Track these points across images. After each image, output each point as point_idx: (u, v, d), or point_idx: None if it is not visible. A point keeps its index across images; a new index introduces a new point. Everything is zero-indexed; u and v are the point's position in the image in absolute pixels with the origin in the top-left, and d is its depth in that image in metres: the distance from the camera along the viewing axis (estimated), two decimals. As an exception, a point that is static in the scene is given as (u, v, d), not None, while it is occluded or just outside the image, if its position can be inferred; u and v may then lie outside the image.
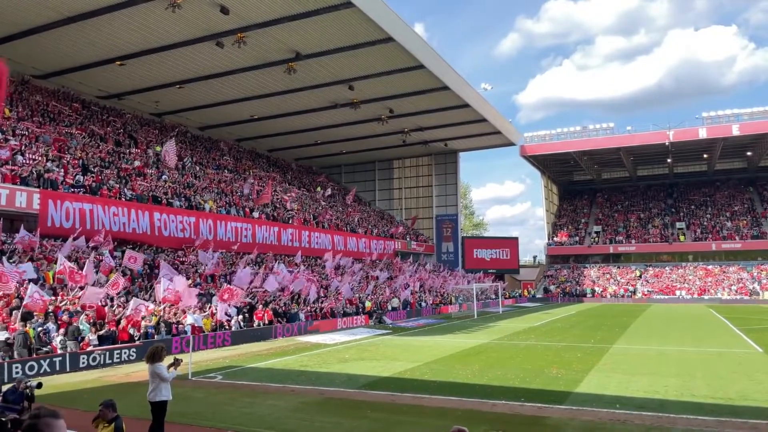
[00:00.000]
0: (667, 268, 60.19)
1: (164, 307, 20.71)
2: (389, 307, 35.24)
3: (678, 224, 62.94)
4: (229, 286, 22.15)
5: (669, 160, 63.70)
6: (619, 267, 62.58)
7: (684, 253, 61.04)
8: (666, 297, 54.16)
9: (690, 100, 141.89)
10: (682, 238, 60.92)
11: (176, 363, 8.55)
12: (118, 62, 30.98)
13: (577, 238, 66.15)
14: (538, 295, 59.53)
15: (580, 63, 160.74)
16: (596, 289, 58.05)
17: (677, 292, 54.55)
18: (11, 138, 24.90)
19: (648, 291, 56.26)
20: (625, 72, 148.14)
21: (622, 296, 55.78)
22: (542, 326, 29.59)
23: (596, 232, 66.19)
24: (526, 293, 60.25)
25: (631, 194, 71.43)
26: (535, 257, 77.46)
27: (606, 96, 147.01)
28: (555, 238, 67.02)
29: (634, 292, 56.34)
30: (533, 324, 30.69)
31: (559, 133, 62.35)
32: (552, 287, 60.16)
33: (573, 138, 61.55)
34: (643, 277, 59.31)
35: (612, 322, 31.87)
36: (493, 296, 48.61)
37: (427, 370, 15.65)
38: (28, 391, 8.87)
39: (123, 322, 18.70)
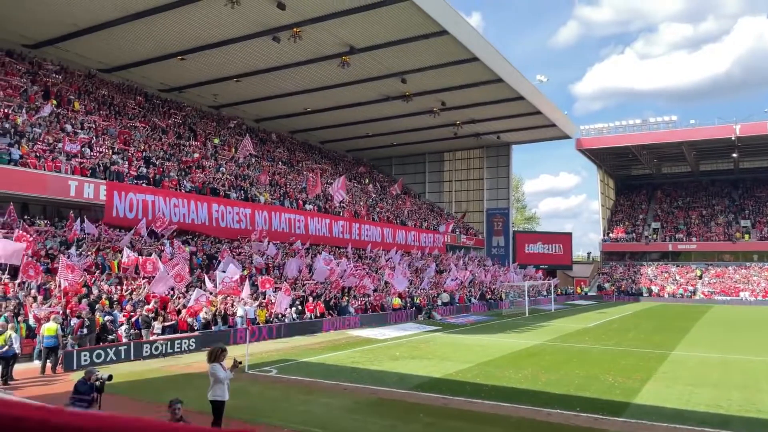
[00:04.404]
0: (730, 268, 57.63)
1: (221, 299, 21.32)
2: (439, 302, 35.16)
3: (743, 222, 60.06)
4: (267, 277, 22.58)
5: (734, 155, 60.76)
6: (678, 266, 60.33)
7: (748, 253, 58.25)
8: (729, 298, 51.88)
9: (759, 91, 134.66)
10: (746, 236, 58.12)
11: (235, 365, 8.76)
12: (180, 57, 31.88)
13: (633, 235, 64.11)
14: (592, 293, 58.12)
15: (642, 51, 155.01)
16: (653, 288, 56.19)
17: (741, 294, 52.15)
18: (80, 131, 26.06)
19: (709, 292, 54.03)
20: (691, 61, 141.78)
21: (681, 296, 53.79)
22: (597, 327, 28.90)
23: (654, 229, 63.97)
24: (579, 291, 58.94)
25: (693, 190, 68.59)
26: (589, 253, 75.64)
27: (669, 86, 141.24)
28: (610, 234, 65.18)
29: (694, 293, 54.23)
30: (587, 324, 30.01)
31: (617, 126, 60.35)
32: (606, 285, 58.60)
33: (632, 131, 59.44)
34: (704, 277, 56.99)
35: (671, 324, 30.82)
36: (545, 293, 47.79)
37: (479, 372, 15.56)
38: (98, 383, 9.32)
39: (183, 313, 19.38)
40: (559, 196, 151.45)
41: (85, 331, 15.93)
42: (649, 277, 59.13)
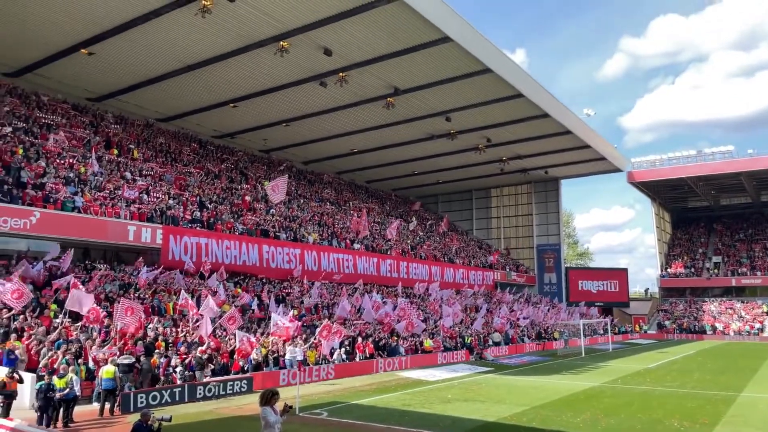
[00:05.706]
0: (801, 304, 54.27)
1: (272, 341, 21.47)
2: (490, 342, 34.37)
3: (813, 254, 56.83)
4: (328, 323, 22.63)
5: (799, 184, 58.05)
6: (743, 301, 57.28)
7: (821, 287, 54.87)
8: (801, 336, 48.73)
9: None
10: (818, 269, 54.83)
11: (286, 410, 8.73)
12: (232, 104, 33.18)
13: (693, 270, 61.49)
14: (651, 331, 55.69)
15: (693, 81, 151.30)
16: (717, 325, 53.39)
17: (815, 331, 48.94)
18: (139, 178, 27.25)
19: (779, 328, 50.93)
20: (745, 89, 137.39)
21: (748, 334, 50.88)
22: (658, 368, 27.57)
23: (716, 263, 61.22)
24: (637, 328, 56.61)
25: (755, 221, 65.57)
26: (646, 290, 72.62)
27: (724, 115, 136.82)
28: (669, 269, 62.71)
29: (762, 330, 51.22)
30: (648, 365, 28.66)
31: (671, 157, 58.84)
32: (667, 323, 56.08)
33: (686, 163, 57.80)
34: (772, 313, 53.81)
35: (738, 364, 29.12)
36: (601, 332, 46.12)
37: (534, 415, 15.01)
38: (155, 425, 9.45)
39: (235, 355, 19.60)
40: (613, 230, 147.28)
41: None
42: (712, 313, 56.29)
